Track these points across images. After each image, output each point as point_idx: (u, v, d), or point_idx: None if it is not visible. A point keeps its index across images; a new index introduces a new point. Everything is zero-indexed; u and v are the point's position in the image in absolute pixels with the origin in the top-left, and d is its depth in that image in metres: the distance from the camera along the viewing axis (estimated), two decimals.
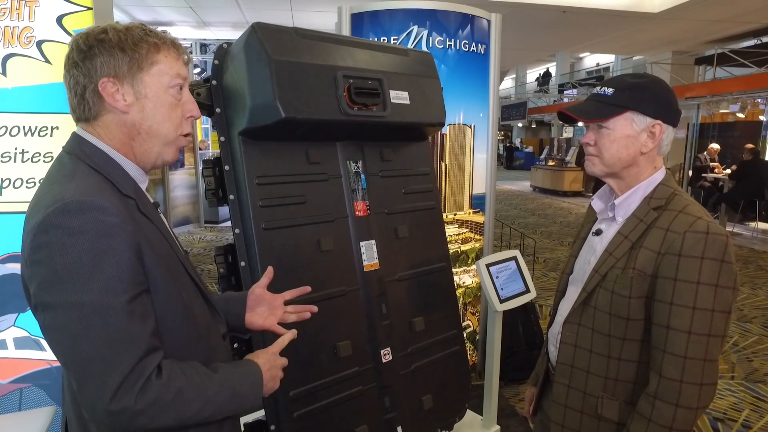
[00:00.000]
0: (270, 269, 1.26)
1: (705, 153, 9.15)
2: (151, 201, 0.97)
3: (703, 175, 8.86)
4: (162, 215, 1.00)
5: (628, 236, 1.09)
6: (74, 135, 0.92)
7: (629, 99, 1.08)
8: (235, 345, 1.55)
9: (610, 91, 1.10)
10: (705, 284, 0.98)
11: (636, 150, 1.10)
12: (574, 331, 1.17)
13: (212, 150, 9.84)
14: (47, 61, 1.76)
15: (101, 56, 0.86)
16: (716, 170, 8.78)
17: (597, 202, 1.23)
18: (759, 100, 8.85)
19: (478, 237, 2.97)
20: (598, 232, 1.20)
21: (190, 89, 1.01)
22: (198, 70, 10.66)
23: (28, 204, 0.87)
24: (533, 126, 22.37)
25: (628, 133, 1.09)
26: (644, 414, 1.02)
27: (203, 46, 11.05)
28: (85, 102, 0.88)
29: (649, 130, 1.09)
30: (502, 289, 2.05)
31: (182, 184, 7.83)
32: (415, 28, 2.66)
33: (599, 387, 1.12)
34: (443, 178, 2.80)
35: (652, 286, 1.04)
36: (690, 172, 9.55)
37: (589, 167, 1.17)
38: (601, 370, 1.12)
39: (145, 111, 0.91)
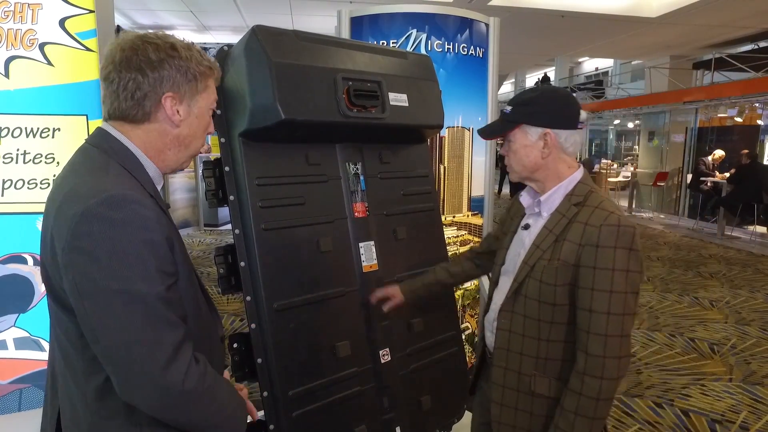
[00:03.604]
0: None
1: (710, 158, 9.13)
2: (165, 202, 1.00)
3: (702, 178, 8.88)
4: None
5: (553, 230, 1.22)
6: (101, 130, 0.96)
7: (521, 114, 1.24)
8: (235, 345, 1.56)
9: (509, 108, 1.26)
10: (619, 270, 1.11)
11: (536, 156, 1.24)
12: (509, 318, 1.28)
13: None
14: (49, 63, 1.77)
15: (170, 71, 0.93)
16: (716, 175, 8.79)
17: (526, 198, 1.34)
18: (757, 105, 8.88)
19: (476, 239, 2.98)
20: (527, 227, 1.32)
21: None
22: None
23: (53, 192, 0.89)
24: None
25: (525, 143, 1.24)
26: (575, 390, 1.15)
27: (203, 50, 11.08)
28: (141, 107, 0.93)
29: (542, 138, 1.23)
30: None
31: (182, 187, 7.84)
32: (414, 31, 2.68)
33: (532, 366, 1.24)
34: (442, 181, 2.81)
35: (575, 275, 1.16)
36: (689, 176, 9.56)
37: (509, 176, 1.34)
38: (533, 351, 1.24)
39: (191, 127, 0.99)
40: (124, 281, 0.80)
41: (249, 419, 1.10)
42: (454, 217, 2.88)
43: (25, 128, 1.77)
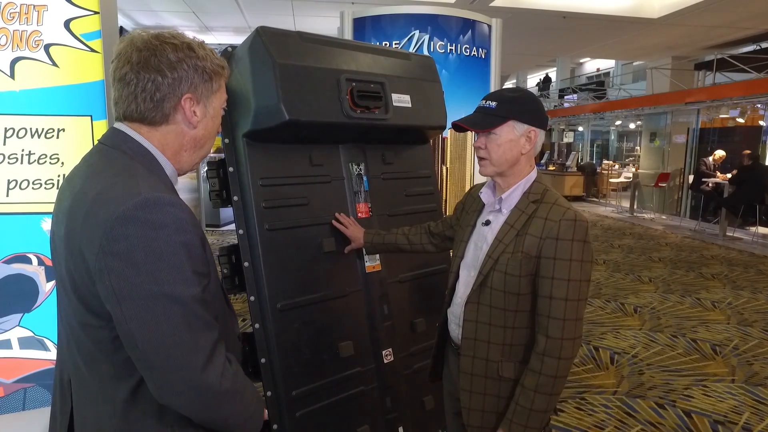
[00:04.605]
0: None
1: (711, 159, 9.11)
2: None
3: (704, 179, 8.86)
4: None
5: (514, 225, 1.30)
6: (117, 131, 0.94)
7: (510, 110, 1.29)
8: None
9: (493, 104, 1.30)
10: (575, 260, 1.22)
11: (518, 151, 1.30)
12: (475, 310, 1.34)
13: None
14: (54, 64, 1.78)
15: (188, 72, 0.92)
16: (717, 176, 8.78)
17: (487, 195, 1.40)
18: (758, 105, 8.87)
19: None
20: (487, 223, 1.38)
21: None
22: None
23: (74, 195, 0.87)
24: None
25: (511, 137, 1.29)
26: (535, 369, 1.24)
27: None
28: (160, 109, 0.92)
29: (527, 135, 1.30)
30: None
31: (183, 187, 7.85)
32: (417, 32, 2.69)
33: (499, 353, 1.32)
34: (444, 181, 2.82)
35: (536, 266, 1.25)
36: (691, 177, 9.54)
37: (482, 170, 1.36)
38: (499, 338, 1.31)
39: (207, 128, 0.99)
40: (162, 284, 0.79)
41: None
42: None
43: (30, 129, 1.78)
